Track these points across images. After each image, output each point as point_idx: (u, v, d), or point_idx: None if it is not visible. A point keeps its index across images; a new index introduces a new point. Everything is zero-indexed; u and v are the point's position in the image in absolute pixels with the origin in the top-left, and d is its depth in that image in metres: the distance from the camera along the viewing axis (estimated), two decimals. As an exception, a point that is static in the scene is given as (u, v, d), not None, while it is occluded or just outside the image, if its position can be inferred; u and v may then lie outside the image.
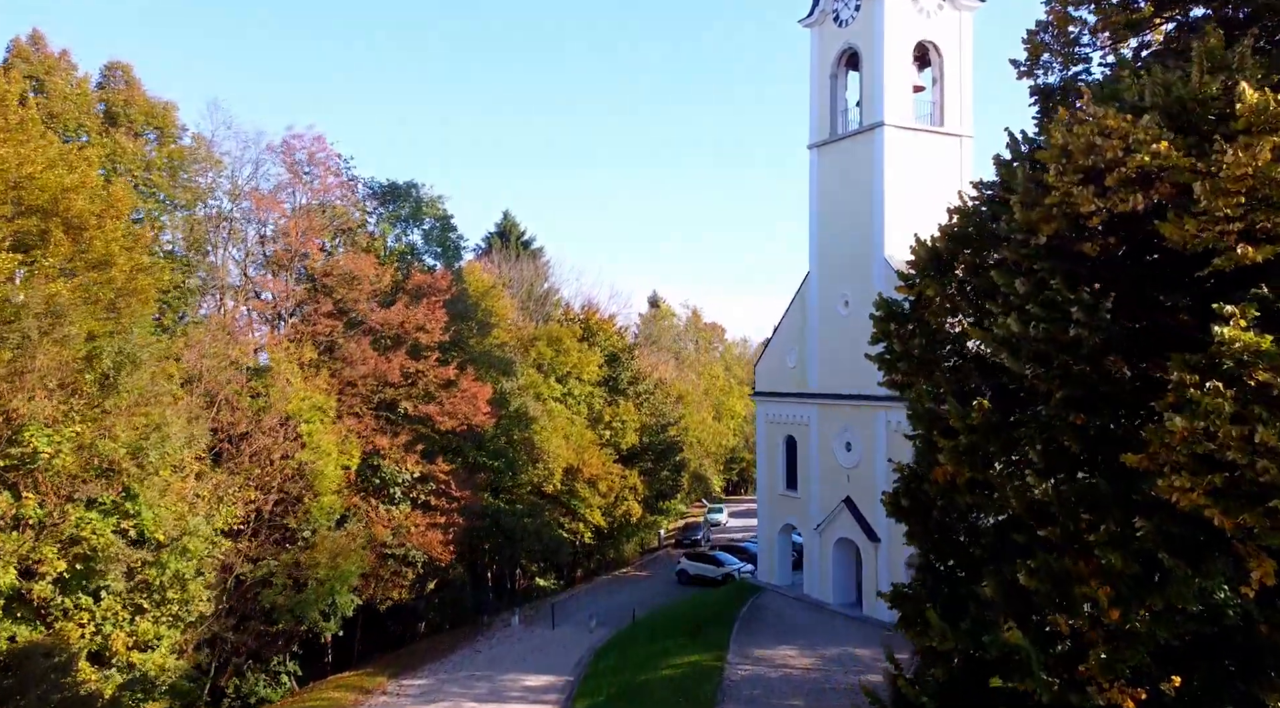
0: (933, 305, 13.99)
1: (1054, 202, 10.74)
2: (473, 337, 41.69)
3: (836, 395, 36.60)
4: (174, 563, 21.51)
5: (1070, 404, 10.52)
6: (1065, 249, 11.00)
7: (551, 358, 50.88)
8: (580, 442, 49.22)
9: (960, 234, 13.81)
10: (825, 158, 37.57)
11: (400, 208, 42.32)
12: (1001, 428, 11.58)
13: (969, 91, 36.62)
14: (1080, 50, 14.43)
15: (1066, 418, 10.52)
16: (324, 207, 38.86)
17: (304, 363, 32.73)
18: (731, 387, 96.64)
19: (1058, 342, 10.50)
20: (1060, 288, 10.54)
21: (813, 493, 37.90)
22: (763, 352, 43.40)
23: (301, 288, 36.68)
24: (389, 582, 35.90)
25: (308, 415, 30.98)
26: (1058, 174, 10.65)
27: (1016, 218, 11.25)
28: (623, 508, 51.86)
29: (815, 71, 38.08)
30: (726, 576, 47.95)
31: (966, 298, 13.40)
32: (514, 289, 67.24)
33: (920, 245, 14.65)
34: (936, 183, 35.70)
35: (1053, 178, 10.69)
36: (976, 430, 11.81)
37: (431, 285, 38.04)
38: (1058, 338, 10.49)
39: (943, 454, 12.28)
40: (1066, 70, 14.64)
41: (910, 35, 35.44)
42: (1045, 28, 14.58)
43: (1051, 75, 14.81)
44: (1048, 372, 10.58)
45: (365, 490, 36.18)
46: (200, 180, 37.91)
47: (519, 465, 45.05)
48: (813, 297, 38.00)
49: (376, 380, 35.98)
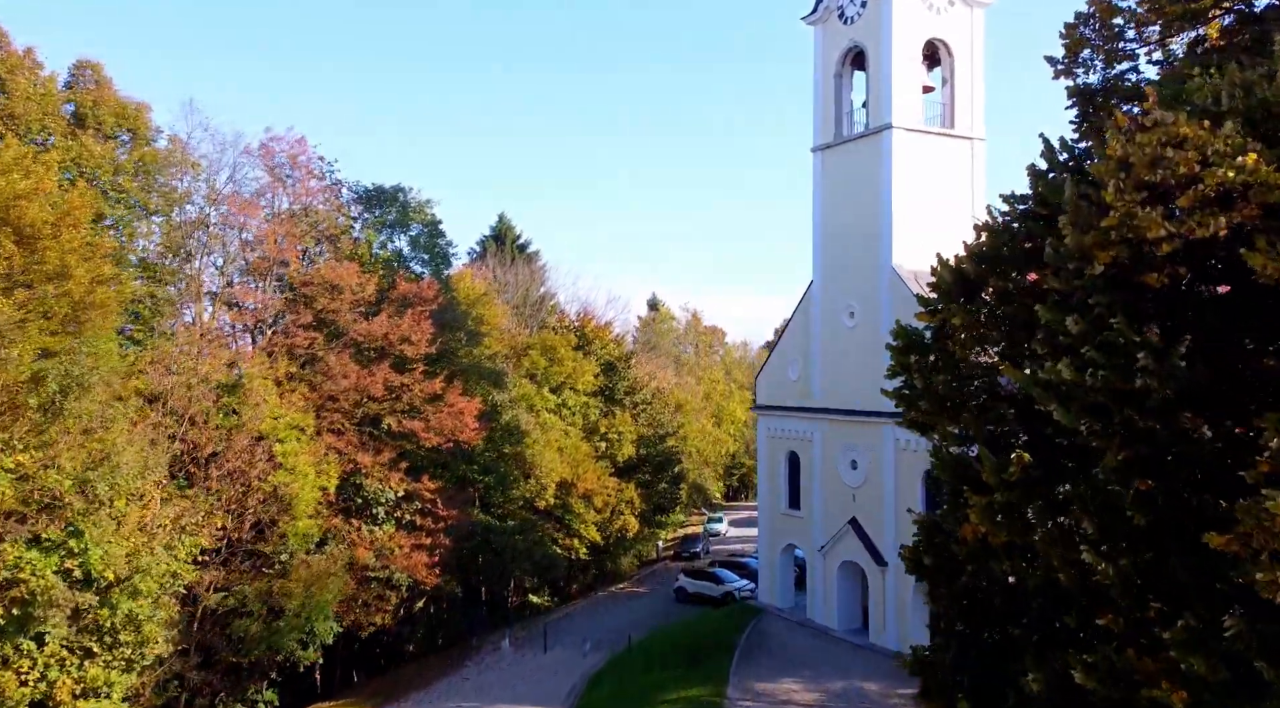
0: (958, 335, 12.26)
1: (1112, 224, 9.03)
2: (461, 348, 39.94)
3: (842, 411, 34.86)
4: (126, 604, 19.82)
5: (1134, 467, 8.82)
6: (1126, 280, 9.29)
7: (545, 368, 49.15)
8: (575, 455, 47.50)
9: (990, 254, 12.09)
10: (830, 161, 35.83)
11: (386, 213, 40.57)
12: (1045, 487, 9.84)
13: (981, 92, 34.90)
14: (1125, 46, 12.68)
15: (1129, 483, 8.80)
16: (306, 212, 37.12)
17: (280, 378, 31.01)
18: (732, 391, 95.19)
19: (1119, 392, 8.81)
20: (1123, 328, 8.84)
21: (816, 513, 36.16)
22: (765, 360, 41.66)
23: (281, 298, 34.96)
24: (371, 606, 34.15)
25: (283, 434, 29.27)
26: (1117, 192, 8.92)
27: (1067, 243, 9.52)
28: (619, 523, 50.15)
29: (819, 71, 36.34)
30: (726, 594, 46.20)
31: (998, 328, 11.65)
32: (509, 294, 65.58)
33: (944, 266, 12.92)
34: (947, 188, 34.04)
35: (1111, 196, 8.97)
36: (1014, 487, 10.09)
37: (418, 295, 36.30)
38: (1119, 388, 8.78)
39: (973, 512, 10.56)
40: (1110, 69, 12.92)
41: (919, 33, 33.71)
42: (1086, 20, 12.85)
43: (1092, 74, 13.09)
44: (1106, 427, 8.87)
45: (346, 511, 34.44)
46: (177, 184, 36.21)
47: (510, 480, 43.33)
48: (817, 306, 36.27)
49: (359, 395, 34.25)
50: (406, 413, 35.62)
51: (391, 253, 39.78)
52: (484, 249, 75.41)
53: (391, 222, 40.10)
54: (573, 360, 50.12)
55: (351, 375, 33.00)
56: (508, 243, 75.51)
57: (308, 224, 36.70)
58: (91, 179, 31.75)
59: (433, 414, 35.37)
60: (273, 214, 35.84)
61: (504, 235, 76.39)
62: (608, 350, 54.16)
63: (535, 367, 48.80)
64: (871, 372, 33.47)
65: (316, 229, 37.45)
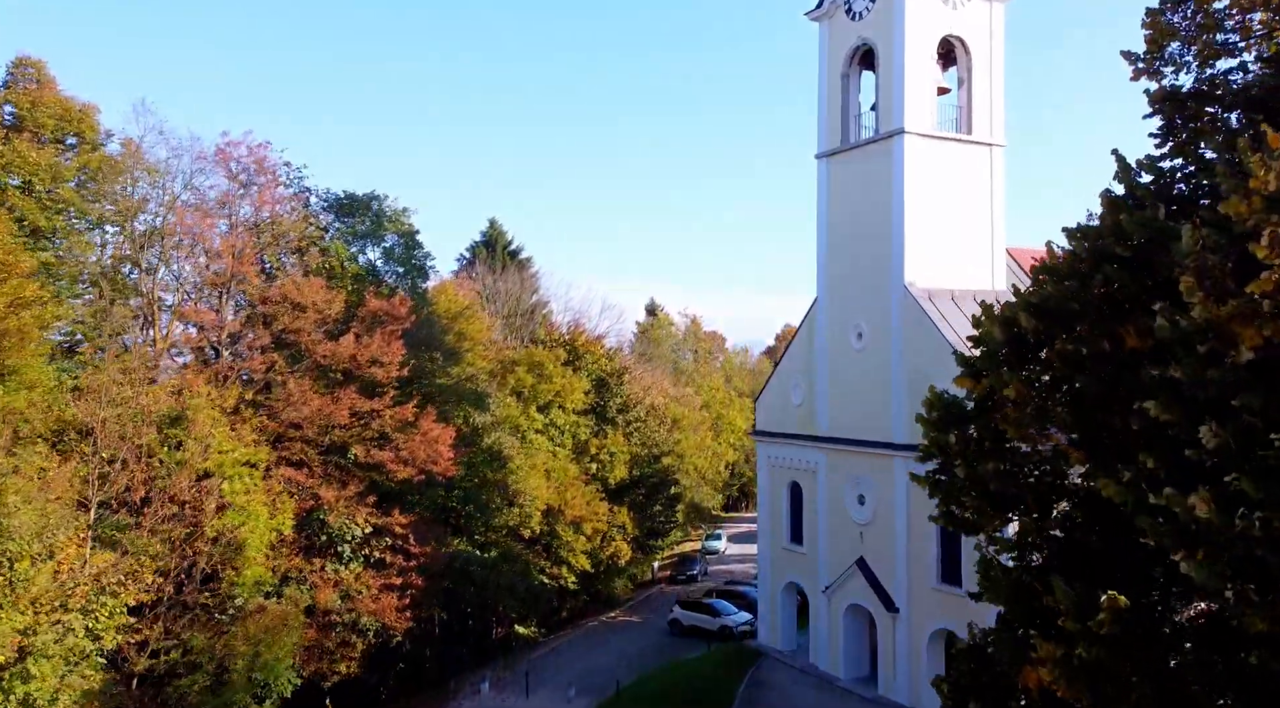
0: (1010, 411, 9.40)
1: (1266, 289, 6.19)
2: (438, 368, 37.07)
3: (848, 441, 32.02)
4: (19, 688, 17.06)
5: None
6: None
7: (532, 385, 46.29)
8: (563, 478, 44.68)
9: (1054, 307, 9.22)
10: (836, 169, 32.97)
11: (358, 223, 37.71)
12: (1152, 647, 7.00)
13: (1000, 94, 32.06)
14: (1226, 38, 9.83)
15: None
16: (270, 222, 34.27)
17: (231, 407, 28.18)
18: (732, 399, 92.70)
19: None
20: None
21: (821, 550, 33.31)
22: (766, 381, 38.80)
23: (239, 317, 32.15)
24: (336, 653, 31.30)
25: (231, 471, 26.44)
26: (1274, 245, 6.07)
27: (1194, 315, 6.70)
28: (610, 549, 47.30)
29: (824, 71, 33.48)
30: (723, 628, 43.45)
31: (1069, 406, 8.81)
32: (499, 303, 62.82)
33: (991, 318, 10.10)
34: (964, 199, 31.24)
35: (1264, 250, 6.12)
36: (1106, 644, 7.23)
37: (388, 313, 33.45)
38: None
39: (1043, 668, 7.71)
40: (1207, 68, 10.07)
41: (934, 29, 30.87)
42: (1175, 4, 10.00)
43: (1184, 74, 10.26)
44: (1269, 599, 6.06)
45: (309, 549, 31.61)
46: (134, 191, 33.42)
47: (493, 508, 40.49)
48: (821, 326, 33.41)
49: (322, 423, 31.39)
50: (376, 441, 32.80)
51: (363, 266, 36.88)
52: (474, 256, 72.72)
53: (363, 232, 37.22)
54: (562, 377, 47.27)
55: (313, 402, 30.14)
56: (499, 249, 72.72)
57: (271, 235, 33.85)
58: (25, 188, 28.98)
59: (404, 443, 32.52)
60: (231, 225, 32.98)
61: (495, 241, 73.61)
62: (599, 365, 51.32)
63: (522, 384, 45.96)
64: (880, 399, 30.72)
65: (281, 241, 34.61)
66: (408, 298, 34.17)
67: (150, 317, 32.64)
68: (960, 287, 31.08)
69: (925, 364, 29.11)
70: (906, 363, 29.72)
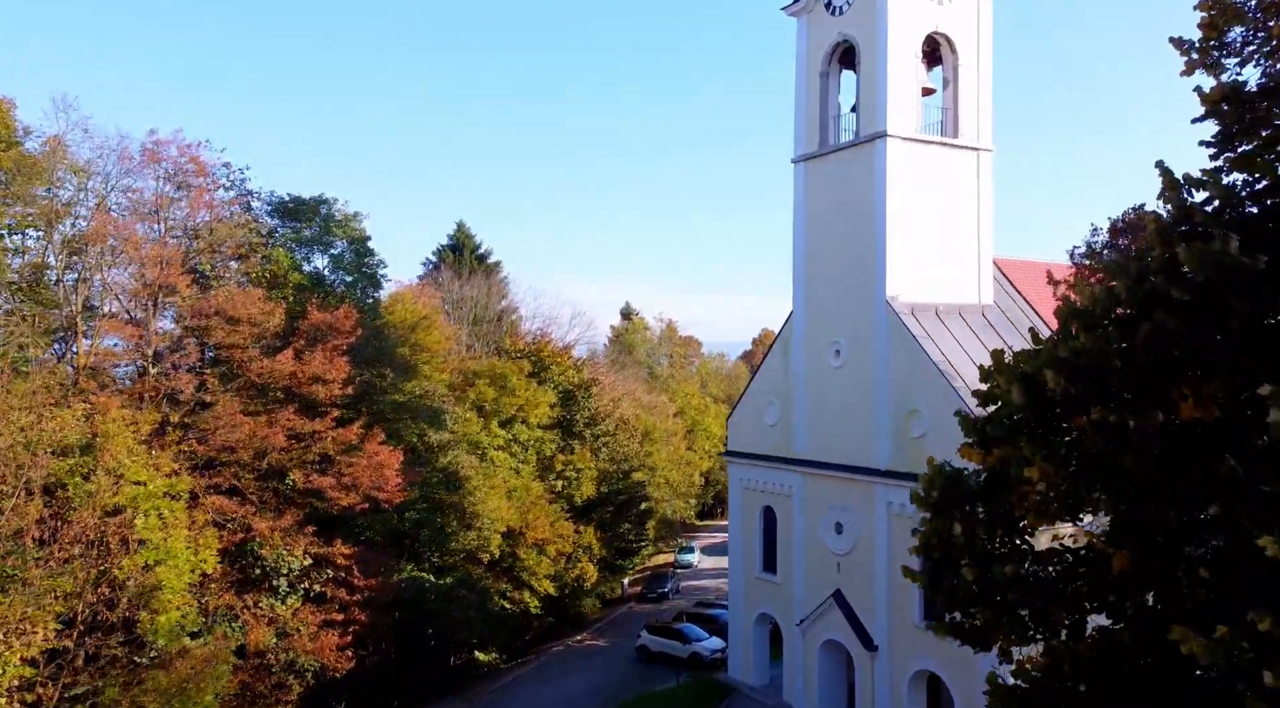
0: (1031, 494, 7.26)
1: None
2: (388, 385, 34.59)
3: (826, 464, 29.93)
4: None
5: None
6: None
7: (494, 398, 43.89)
8: (525, 497, 42.32)
9: (1088, 364, 7.08)
10: (815, 174, 30.89)
11: (304, 227, 35.16)
12: None
13: (988, 96, 30.13)
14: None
15: None
16: (208, 227, 31.65)
17: (149, 432, 25.62)
18: (708, 405, 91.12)
19: None
20: None
21: (796, 580, 31.20)
22: (741, 398, 36.66)
23: (167, 331, 29.58)
24: (270, 698, 28.82)
25: (146, 505, 23.89)
26: None
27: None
28: (576, 571, 45.01)
29: (803, 69, 31.38)
30: (693, 655, 41.30)
31: (1109, 492, 6.66)
32: (466, 309, 60.36)
33: (1003, 370, 7.95)
34: (949, 207, 29.27)
35: None
36: None
37: (333, 326, 30.98)
38: None
39: None
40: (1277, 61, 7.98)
41: (918, 26, 28.87)
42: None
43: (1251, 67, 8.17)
44: None
45: (242, 583, 29.11)
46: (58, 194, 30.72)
47: (449, 532, 38.07)
48: (798, 342, 31.31)
49: (258, 446, 28.89)
50: (317, 465, 30.34)
51: (308, 275, 34.32)
52: (440, 260, 70.26)
53: (309, 238, 34.67)
54: (526, 390, 44.91)
55: (245, 425, 27.64)
56: (466, 253, 70.29)
57: (206, 242, 31.27)
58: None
59: (347, 467, 30.07)
60: (161, 231, 30.38)
61: (463, 245, 71.17)
62: (566, 377, 49.01)
63: (483, 398, 43.55)
64: (860, 421, 28.67)
65: (219, 248, 32.02)
66: (354, 310, 31.66)
67: (72, 330, 29.98)
68: (945, 300, 29.12)
69: (909, 386, 27.12)
70: (889, 384, 27.69)
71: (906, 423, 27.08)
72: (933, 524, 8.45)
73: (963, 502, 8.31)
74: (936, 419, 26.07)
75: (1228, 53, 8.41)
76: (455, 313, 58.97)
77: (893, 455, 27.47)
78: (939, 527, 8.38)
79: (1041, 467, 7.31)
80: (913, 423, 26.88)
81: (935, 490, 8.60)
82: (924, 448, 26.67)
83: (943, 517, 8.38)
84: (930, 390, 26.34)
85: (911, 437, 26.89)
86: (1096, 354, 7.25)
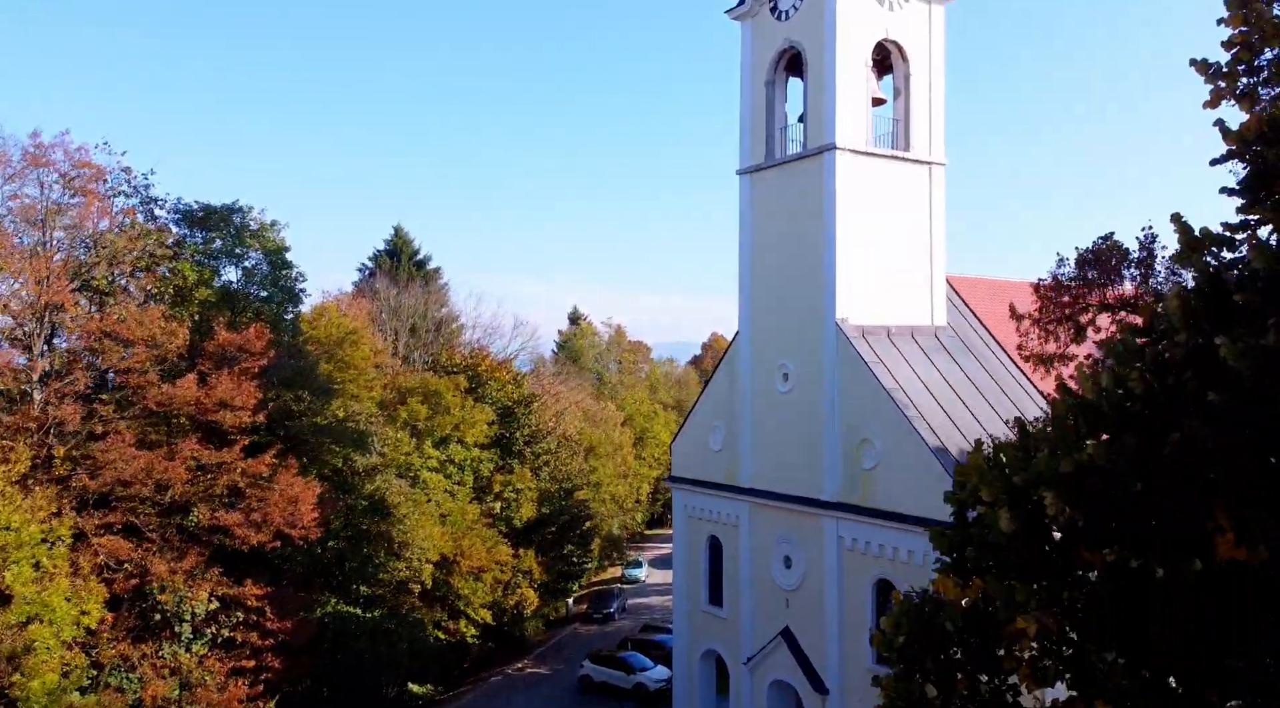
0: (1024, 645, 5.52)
1: None
2: (304, 408, 32.11)
3: (773, 494, 28.34)
4: None
5: None
6: None
7: (428, 417, 41.58)
8: (461, 522, 40.13)
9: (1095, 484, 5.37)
10: (760, 187, 29.28)
11: (215, 237, 32.50)
12: None
13: (940, 106, 28.79)
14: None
15: None
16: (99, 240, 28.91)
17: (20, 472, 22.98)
18: (657, 412, 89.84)
19: None
20: None
21: (743, 615, 29.56)
22: (685, 421, 34.96)
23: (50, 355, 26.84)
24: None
25: (17, 554, 21.31)
26: None
27: None
28: (515, 598, 42.93)
29: (747, 77, 29.74)
30: (638, 686, 39.79)
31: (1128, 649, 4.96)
32: (403, 317, 57.81)
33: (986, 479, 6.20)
34: (900, 223, 27.86)
35: None
36: None
37: (242, 347, 28.50)
38: None
39: None
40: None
41: (868, 33, 27.39)
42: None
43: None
44: None
45: (139, 631, 26.54)
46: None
47: (377, 563, 35.73)
48: (744, 364, 29.68)
49: (157, 480, 26.34)
50: (225, 498, 27.87)
51: (217, 290, 31.66)
52: (377, 265, 67.51)
53: (218, 250, 32.02)
54: (461, 408, 42.68)
55: (138, 459, 25.10)
56: (404, 259, 67.71)
57: (98, 255, 28.56)
58: None
59: (257, 501, 27.64)
60: (49, 242, 27.61)
61: (400, 250, 68.57)
62: (505, 393, 46.84)
63: (415, 417, 41.21)
64: (809, 450, 27.10)
65: (117, 261, 29.28)
66: (266, 329, 29.18)
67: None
68: (897, 321, 27.71)
69: (859, 414, 25.63)
70: (838, 411, 26.18)
71: (857, 453, 25.59)
72: (899, 684, 6.68)
73: (937, 648, 6.61)
74: (889, 450, 24.65)
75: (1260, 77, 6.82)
76: (391, 322, 56.42)
77: (843, 487, 25.98)
78: (908, 687, 6.62)
79: (1038, 618, 5.65)
80: (864, 453, 25.40)
81: (903, 634, 6.86)
82: (875, 480, 25.29)
83: (912, 669, 6.66)
84: (882, 420, 24.89)
85: (863, 468, 25.41)
86: (1110, 473, 5.62)
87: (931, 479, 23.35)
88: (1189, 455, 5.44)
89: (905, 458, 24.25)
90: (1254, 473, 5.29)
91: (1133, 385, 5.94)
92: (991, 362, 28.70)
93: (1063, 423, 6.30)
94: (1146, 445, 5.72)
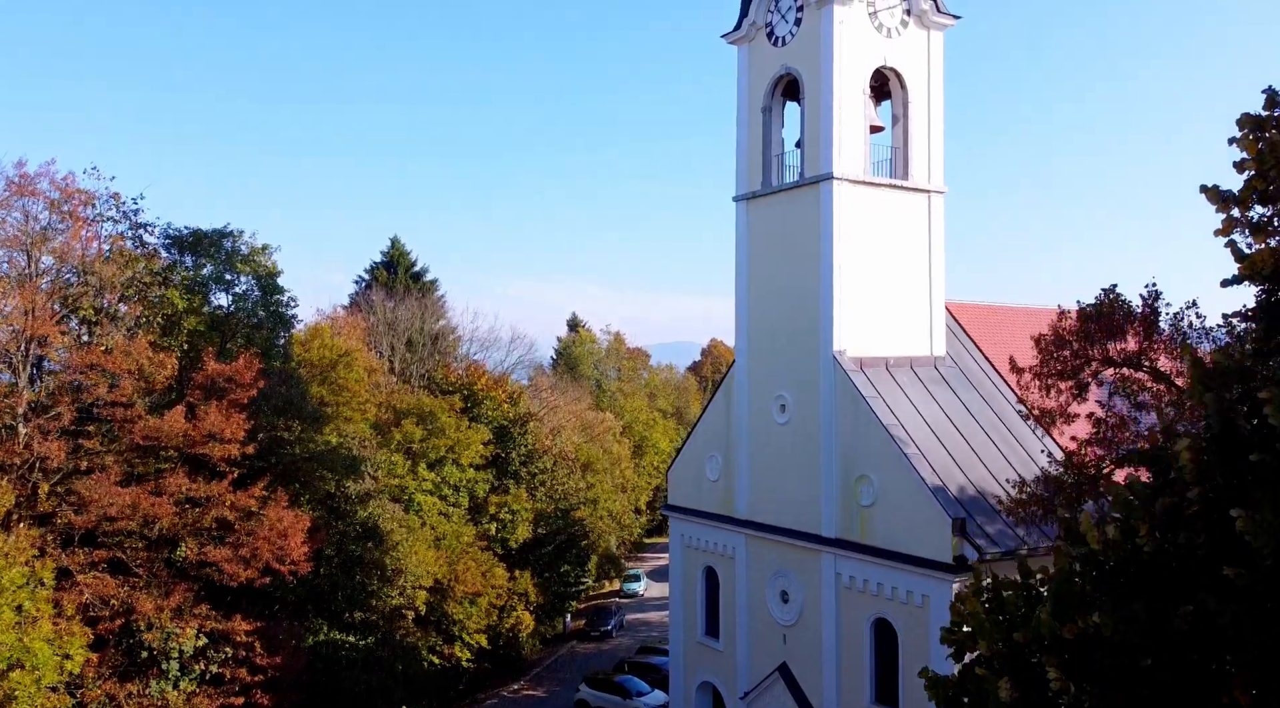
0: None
1: None
2: (294, 438, 31.68)
3: (770, 527, 27.92)
4: None
5: None
6: None
7: (422, 439, 41.17)
8: (455, 545, 39.71)
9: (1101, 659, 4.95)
10: (756, 215, 28.86)
11: (206, 263, 32.10)
12: None
13: (940, 134, 28.35)
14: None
15: None
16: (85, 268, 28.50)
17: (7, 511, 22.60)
18: (656, 420, 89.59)
19: None
20: None
21: (740, 649, 29.14)
22: (681, 449, 34.50)
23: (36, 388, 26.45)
24: (157, 797, 25.92)
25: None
26: None
27: None
28: (510, 620, 42.51)
29: (744, 103, 29.33)
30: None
31: None
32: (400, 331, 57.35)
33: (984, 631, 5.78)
34: (899, 253, 27.42)
35: None
36: None
37: (231, 378, 28.09)
38: None
39: None
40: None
41: (866, 60, 26.97)
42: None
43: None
44: None
45: (125, 669, 26.14)
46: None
47: (369, 590, 35.32)
48: (742, 393, 29.26)
49: (145, 514, 25.94)
50: (213, 532, 27.46)
51: (206, 316, 31.23)
52: (373, 279, 67.05)
53: (208, 276, 31.60)
54: (456, 429, 42.26)
55: (122, 496, 24.70)
56: (401, 271, 67.28)
57: (85, 283, 28.17)
58: None
59: (246, 536, 27.23)
60: (33, 272, 27.21)
61: (396, 262, 68.15)
62: (501, 412, 46.42)
63: (410, 438, 40.80)
64: (807, 484, 26.66)
65: (104, 289, 28.89)
66: (255, 359, 28.76)
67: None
68: (896, 352, 27.27)
69: (857, 449, 25.20)
70: (836, 445, 25.75)
71: (855, 489, 25.16)
72: None
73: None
74: (887, 488, 24.22)
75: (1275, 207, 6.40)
76: (387, 336, 55.98)
77: (841, 524, 25.55)
78: None
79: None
80: (862, 490, 24.96)
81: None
82: (874, 517, 24.85)
83: None
84: (880, 456, 24.47)
85: (861, 504, 24.98)
86: (1117, 646, 5.22)
87: (930, 519, 22.97)
88: (1201, 630, 5.04)
89: (903, 497, 23.81)
90: (1275, 653, 4.88)
91: (1141, 542, 5.52)
92: (991, 392, 28.26)
93: (1068, 578, 5.89)
94: (1157, 615, 5.32)
